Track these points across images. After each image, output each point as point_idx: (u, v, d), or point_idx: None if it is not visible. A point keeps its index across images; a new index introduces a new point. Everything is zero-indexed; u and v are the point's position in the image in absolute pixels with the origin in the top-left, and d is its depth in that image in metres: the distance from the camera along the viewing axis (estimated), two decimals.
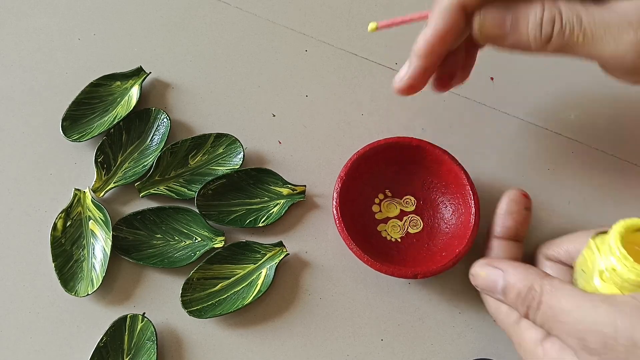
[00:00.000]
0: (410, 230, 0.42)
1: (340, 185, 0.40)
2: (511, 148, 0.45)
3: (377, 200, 0.43)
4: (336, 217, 0.39)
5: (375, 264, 0.38)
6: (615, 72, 0.33)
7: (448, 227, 0.41)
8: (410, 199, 0.43)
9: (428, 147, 0.40)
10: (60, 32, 0.48)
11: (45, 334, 0.40)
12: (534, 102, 0.46)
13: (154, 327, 0.39)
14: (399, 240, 0.42)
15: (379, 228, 0.42)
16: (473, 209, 0.39)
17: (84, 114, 0.44)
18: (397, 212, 0.42)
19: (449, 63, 0.38)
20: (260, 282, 0.40)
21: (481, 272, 0.36)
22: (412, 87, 0.36)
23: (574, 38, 0.31)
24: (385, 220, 0.42)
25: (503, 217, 0.38)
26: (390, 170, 0.43)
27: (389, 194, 0.43)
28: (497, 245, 0.38)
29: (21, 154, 0.44)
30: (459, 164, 0.40)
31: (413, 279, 0.41)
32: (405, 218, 0.42)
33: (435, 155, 0.41)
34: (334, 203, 0.39)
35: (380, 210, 0.42)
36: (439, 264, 0.38)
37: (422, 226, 0.42)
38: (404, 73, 0.35)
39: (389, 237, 0.42)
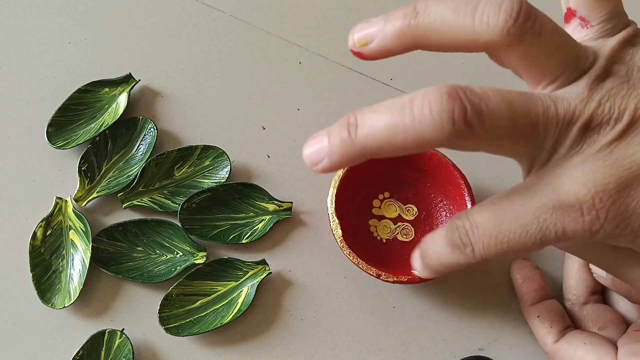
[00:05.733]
0: (400, 237, 0.41)
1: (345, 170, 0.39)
2: (505, 173, 0.43)
3: (380, 197, 0.42)
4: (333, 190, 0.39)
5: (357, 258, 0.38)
6: None
7: None
8: (412, 208, 0.42)
9: (448, 166, 0.40)
10: (51, 35, 0.47)
11: (20, 345, 0.39)
12: None
13: (131, 344, 0.38)
14: (384, 241, 0.41)
15: (370, 222, 0.41)
16: None
17: (70, 120, 0.43)
18: (394, 214, 0.41)
19: None
20: (240, 300, 0.39)
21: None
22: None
23: None
24: (380, 217, 0.41)
25: (528, 284, 0.39)
26: (403, 175, 0.42)
27: (394, 195, 0.42)
28: (538, 309, 0.38)
29: (4, 158, 0.43)
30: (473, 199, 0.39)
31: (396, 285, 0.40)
32: (399, 224, 0.41)
33: (453, 177, 0.40)
34: (334, 184, 0.39)
35: (379, 207, 0.42)
36: (408, 276, 0.37)
37: (413, 237, 0.41)
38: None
39: (375, 234, 0.41)
